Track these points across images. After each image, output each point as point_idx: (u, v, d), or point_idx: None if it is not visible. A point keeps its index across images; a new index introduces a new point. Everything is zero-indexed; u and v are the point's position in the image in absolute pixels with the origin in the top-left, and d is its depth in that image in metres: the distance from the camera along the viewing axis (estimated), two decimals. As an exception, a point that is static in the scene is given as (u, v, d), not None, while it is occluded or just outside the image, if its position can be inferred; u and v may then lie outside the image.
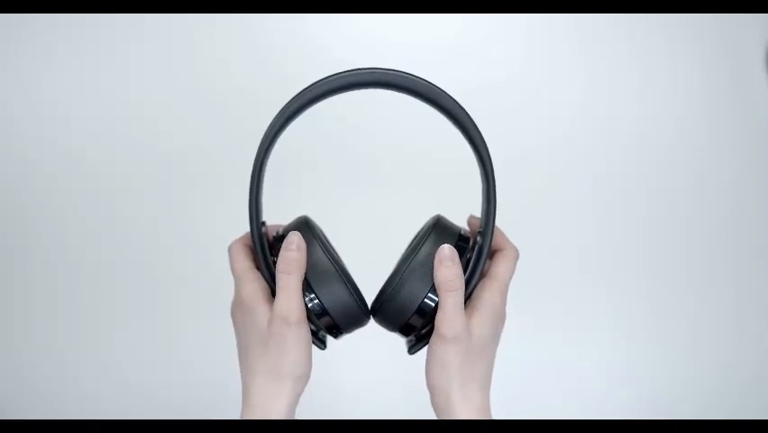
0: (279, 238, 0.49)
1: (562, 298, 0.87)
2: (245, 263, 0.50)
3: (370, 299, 0.50)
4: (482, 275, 0.49)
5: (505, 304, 0.49)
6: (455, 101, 0.49)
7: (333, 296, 0.48)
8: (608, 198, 0.90)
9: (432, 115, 0.49)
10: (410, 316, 0.48)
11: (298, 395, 0.49)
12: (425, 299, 0.48)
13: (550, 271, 0.88)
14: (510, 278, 0.50)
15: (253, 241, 0.49)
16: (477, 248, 0.48)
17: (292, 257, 0.47)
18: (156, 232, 0.89)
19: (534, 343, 0.86)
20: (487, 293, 0.48)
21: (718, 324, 0.87)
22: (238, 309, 0.50)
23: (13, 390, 0.85)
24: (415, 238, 0.52)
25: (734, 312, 0.87)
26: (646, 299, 0.87)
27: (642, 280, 0.88)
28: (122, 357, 0.86)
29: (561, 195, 0.89)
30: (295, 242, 0.48)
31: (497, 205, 0.48)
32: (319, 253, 0.49)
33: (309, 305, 0.48)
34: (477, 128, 0.49)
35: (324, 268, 0.48)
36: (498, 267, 0.49)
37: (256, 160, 0.49)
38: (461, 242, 0.49)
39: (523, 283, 0.89)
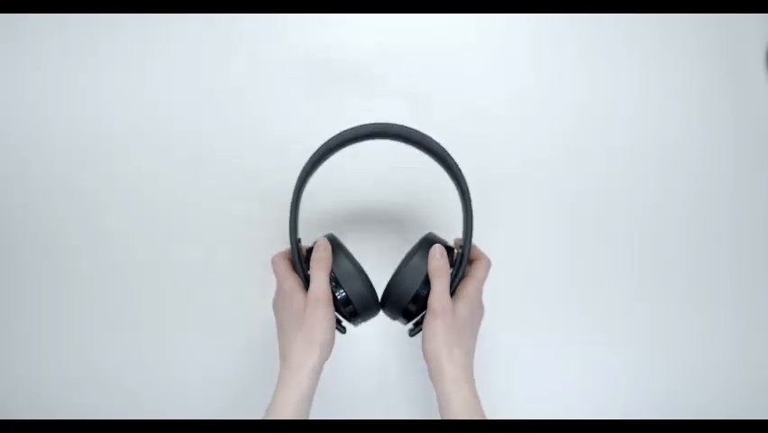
0: (310, 250, 0.66)
1: (563, 298, 0.87)
2: (285, 266, 0.67)
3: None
4: (464, 276, 0.66)
5: (480, 295, 0.67)
6: (442, 147, 0.67)
7: (355, 289, 0.65)
8: (608, 198, 0.90)
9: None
10: (408, 302, 0.65)
11: (325, 359, 0.64)
12: (419, 290, 0.64)
13: (550, 271, 0.88)
14: (484, 278, 0.67)
15: (292, 251, 0.65)
16: (459, 255, 0.66)
17: (321, 256, 0.65)
18: (159, 232, 0.89)
19: (534, 343, 0.86)
20: (466, 288, 0.65)
21: (719, 324, 0.87)
22: (280, 299, 0.66)
23: (12, 390, 0.85)
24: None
25: (735, 312, 0.87)
26: (648, 300, 0.87)
27: (643, 280, 0.88)
28: (122, 357, 0.86)
29: (560, 195, 0.90)
30: (322, 245, 0.66)
31: (473, 227, 0.66)
32: (344, 258, 0.66)
33: (338, 296, 0.64)
34: (460, 169, 0.66)
35: (348, 269, 0.65)
36: (475, 271, 0.67)
37: (295, 190, 0.66)
38: (446, 250, 0.66)
39: (523, 283, 0.90)
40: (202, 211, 0.89)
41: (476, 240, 0.77)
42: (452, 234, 0.71)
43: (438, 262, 0.64)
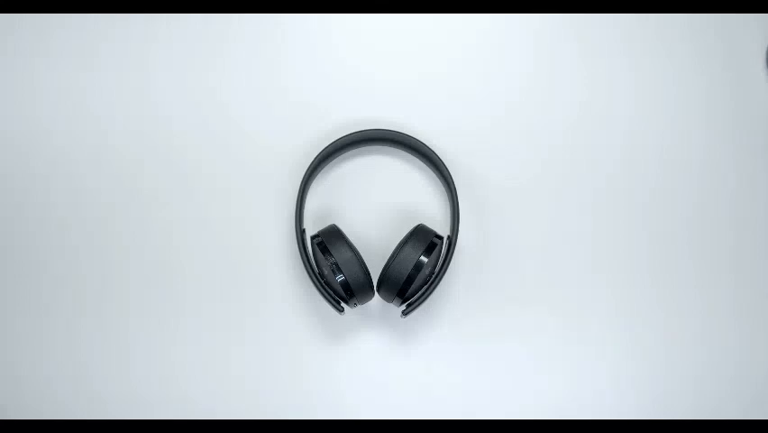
0: (314, 237, 0.76)
1: (561, 298, 0.87)
2: None
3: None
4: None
5: None
6: (433, 151, 0.83)
7: (354, 275, 0.74)
8: (607, 198, 0.90)
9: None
10: (402, 283, 0.73)
11: None
12: (412, 272, 0.73)
13: (548, 271, 0.88)
14: None
15: (297, 238, 0.77)
16: (448, 242, 0.78)
17: None
18: (160, 231, 0.89)
19: (535, 343, 0.86)
20: None
21: (720, 323, 0.87)
22: None
23: (12, 390, 0.85)
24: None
25: (736, 311, 0.87)
26: (647, 300, 0.87)
27: (642, 281, 0.88)
28: (122, 357, 0.86)
29: (559, 195, 0.90)
30: None
31: (459, 221, 0.79)
32: (346, 247, 0.74)
33: (339, 280, 0.73)
34: (452, 178, 0.81)
35: (349, 257, 0.74)
36: None
37: (301, 185, 0.80)
38: (436, 238, 0.76)
39: (521, 283, 0.90)
40: (203, 211, 0.89)
41: (473, 239, 0.85)
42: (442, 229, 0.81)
43: None
